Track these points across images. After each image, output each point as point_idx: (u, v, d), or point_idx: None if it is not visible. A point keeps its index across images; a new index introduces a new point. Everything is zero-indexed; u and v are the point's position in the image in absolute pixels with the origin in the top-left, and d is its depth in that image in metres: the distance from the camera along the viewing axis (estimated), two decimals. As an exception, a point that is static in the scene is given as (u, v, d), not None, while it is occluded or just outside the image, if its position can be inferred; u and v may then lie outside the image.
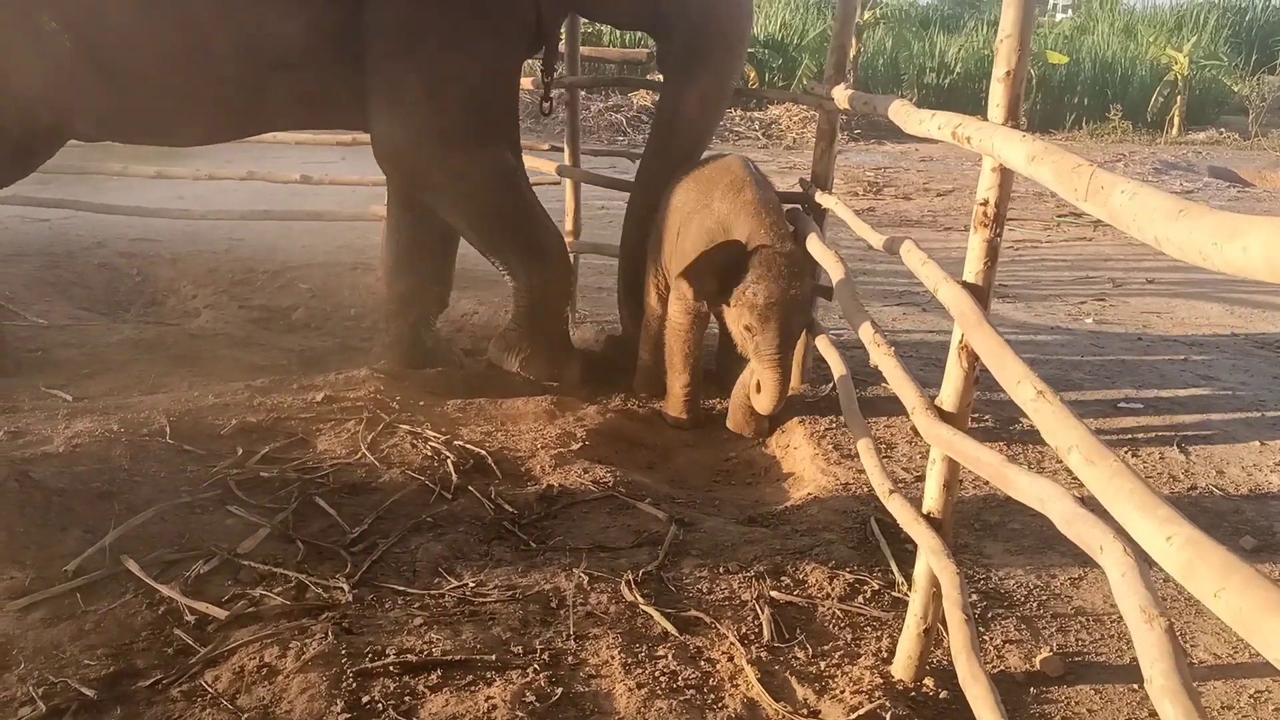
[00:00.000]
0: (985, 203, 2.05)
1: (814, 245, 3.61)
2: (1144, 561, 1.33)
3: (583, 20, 5.24)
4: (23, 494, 2.78)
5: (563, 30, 4.70)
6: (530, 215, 4.03)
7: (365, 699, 2.12)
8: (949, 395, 2.15)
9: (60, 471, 2.99)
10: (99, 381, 4.05)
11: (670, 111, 4.17)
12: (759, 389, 3.57)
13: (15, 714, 2.06)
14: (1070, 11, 24.63)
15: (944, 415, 2.14)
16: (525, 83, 4.78)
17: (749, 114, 15.07)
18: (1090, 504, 1.52)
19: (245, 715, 2.07)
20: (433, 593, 2.56)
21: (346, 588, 2.54)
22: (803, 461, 3.62)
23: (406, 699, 2.13)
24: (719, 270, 3.56)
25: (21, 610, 2.37)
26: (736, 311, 3.55)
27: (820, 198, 4.02)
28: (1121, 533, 1.38)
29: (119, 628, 2.36)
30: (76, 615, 2.39)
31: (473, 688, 2.17)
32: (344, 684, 2.14)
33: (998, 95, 2.00)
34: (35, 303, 5.14)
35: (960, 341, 2.09)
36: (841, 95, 3.56)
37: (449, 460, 3.29)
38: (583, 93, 5.67)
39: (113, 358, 4.32)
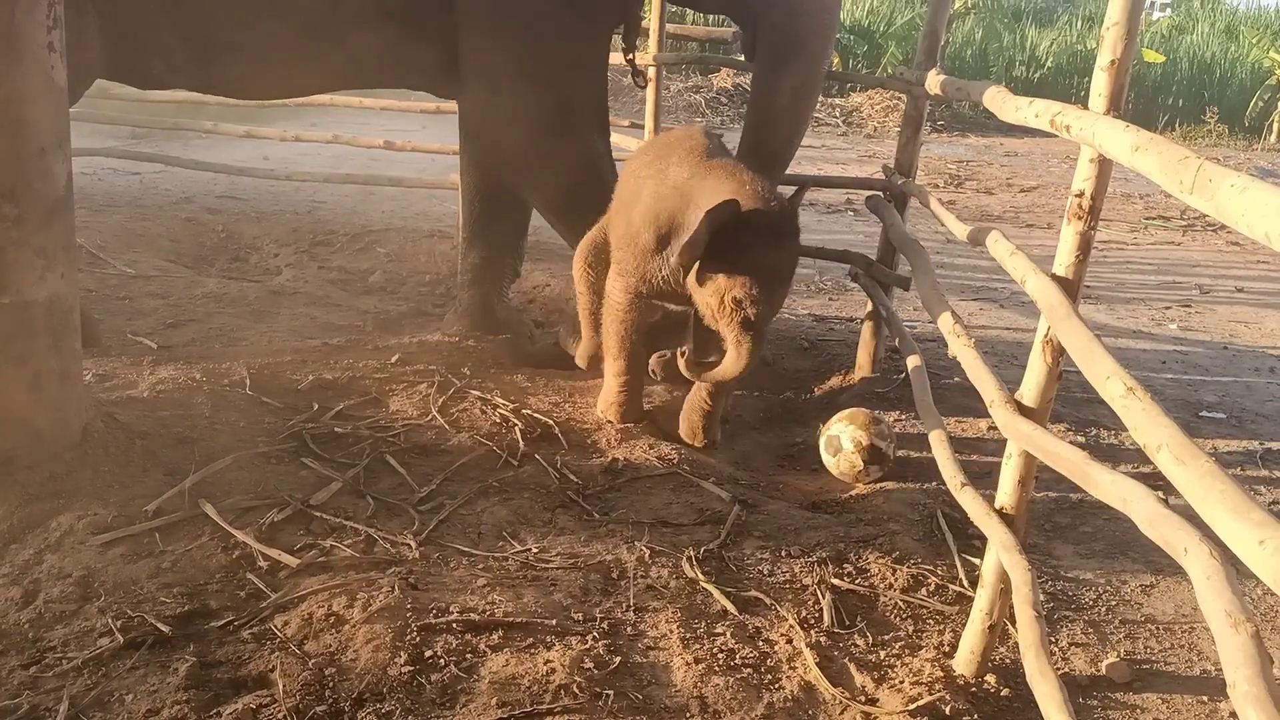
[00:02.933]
0: (1081, 194, 2.00)
1: (895, 234, 3.56)
2: (1231, 566, 1.30)
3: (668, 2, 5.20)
4: (108, 435, 2.87)
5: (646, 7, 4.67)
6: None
7: (428, 653, 2.15)
8: (1030, 389, 2.11)
9: (144, 415, 3.07)
10: (182, 331, 4.16)
11: (764, 103, 4.03)
12: (737, 358, 3.02)
13: (95, 643, 2.14)
14: (1169, 10, 23.89)
15: (1024, 410, 2.10)
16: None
17: (830, 100, 14.87)
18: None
19: (312, 660, 2.12)
20: (496, 555, 2.59)
21: (414, 545, 2.58)
22: (870, 451, 3.58)
23: (468, 656, 2.16)
24: (713, 236, 2.92)
25: (104, 545, 2.45)
26: (720, 283, 2.98)
27: (904, 186, 3.96)
28: (1207, 537, 1.34)
29: (194, 568, 2.43)
30: (155, 554, 2.46)
31: (532, 650, 2.20)
32: (408, 637, 2.18)
33: (1101, 84, 1.95)
34: (124, 252, 5.29)
35: (1046, 335, 2.05)
36: (934, 80, 3.50)
37: (517, 428, 3.32)
38: (664, 71, 5.65)
39: (196, 309, 4.44)
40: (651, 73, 5.11)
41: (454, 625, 2.25)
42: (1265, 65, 16.00)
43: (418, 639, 2.19)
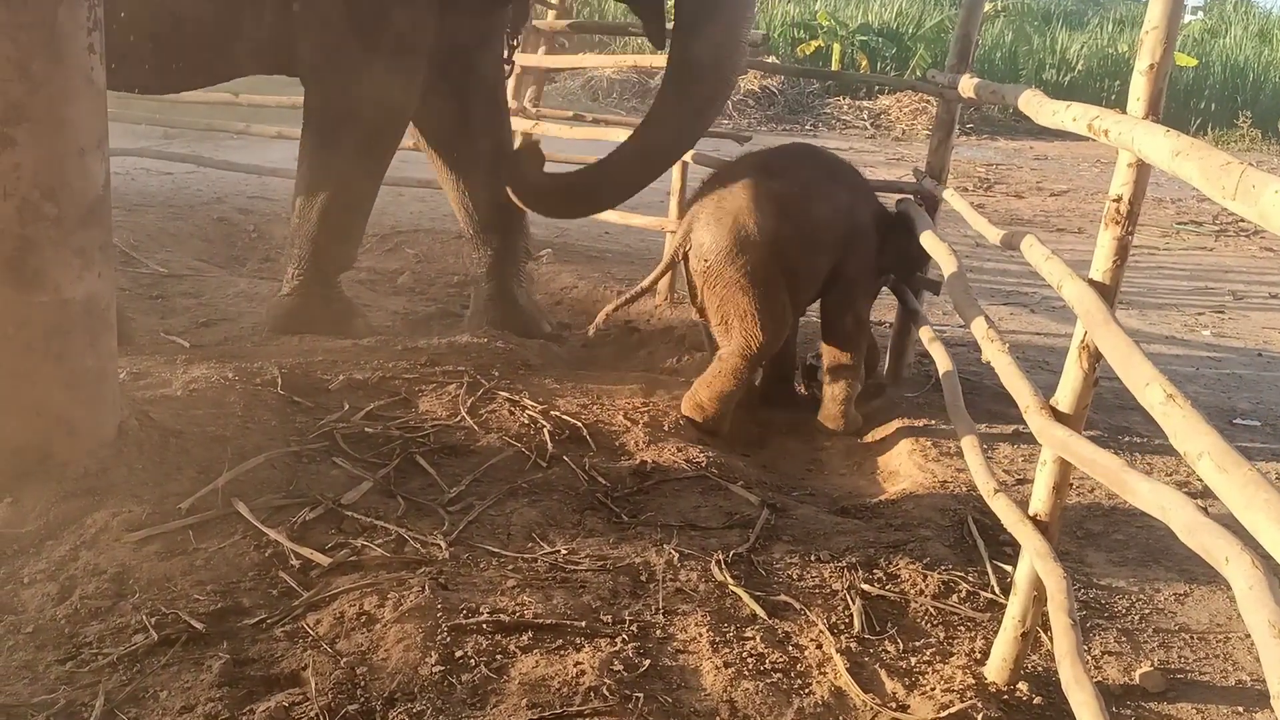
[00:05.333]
0: (1119, 199, 1.98)
1: (927, 238, 3.55)
2: (1273, 575, 1.28)
3: None
4: (142, 433, 2.89)
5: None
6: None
7: (458, 653, 2.16)
8: (1066, 395, 2.09)
9: (178, 414, 3.10)
10: (215, 330, 4.20)
11: (685, 58, 3.88)
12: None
13: (129, 640, 2.16)
14: (1200, 13, 23.66)
15: (1059, 416, 2.09)
16: (630, 60, 4.77)
17: (858, 103, 14.85)
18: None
19: (344, 659, 2.13)
20: (526, 556, 2.60)
21: (444, 545, 2.59)
22: (899, 456, 3.58)
23: (498, 657, 2.17)
24: None
25: (138, 543, 2.48)
26: None
27: (935, 190, 3.94)
28: (1249, 545, 1.33)
29: (227, 566, 2.44)
30: (188, 551, 2.48)
31: (562, 652, 2.20)
32: (439, 637, 2.19)
33: (1140, 88, 1.93)
34: (157, 251, 5.35)
35: (1082, 341, 2.03)
36: (967, 84, 3.48)
37: (545, 429, 3.33)
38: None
39: (228, 308, 4.48)
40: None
41: (484, 626, 2.26)
42: (1300, 69, 15.81)
43: (448, 639, 2.20)
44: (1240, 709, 2.23)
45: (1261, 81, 16.01)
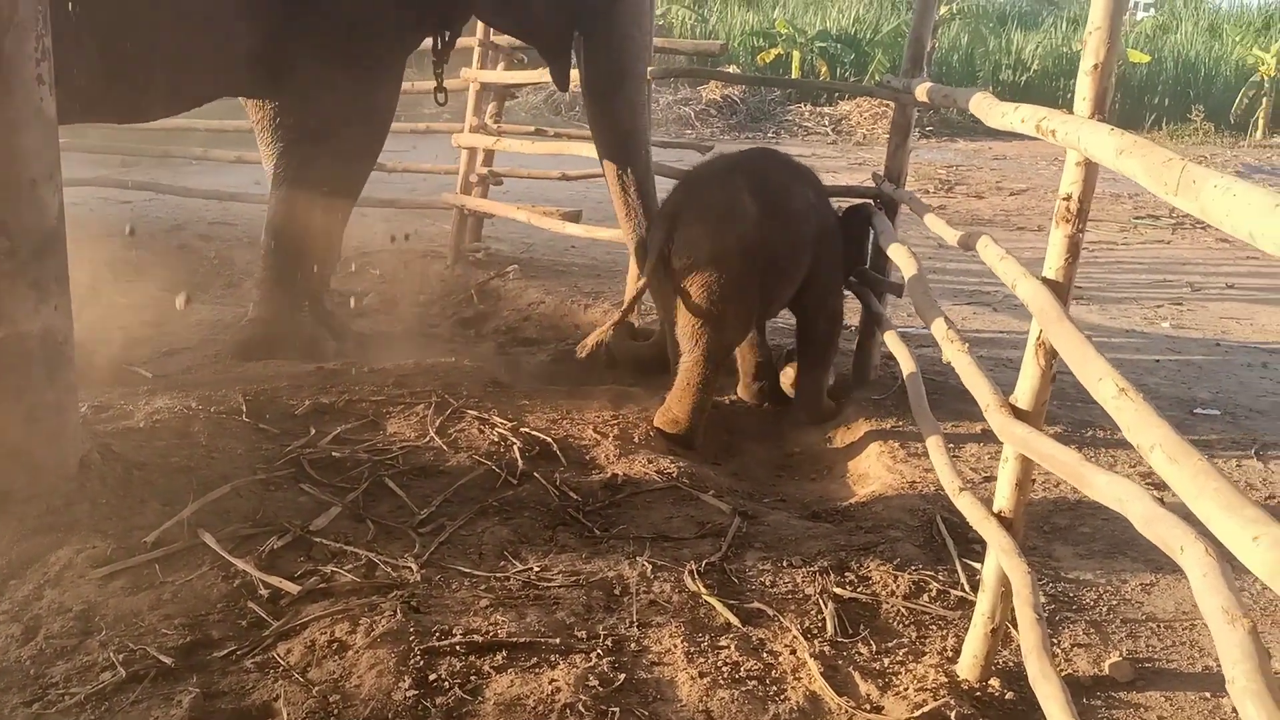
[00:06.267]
0: (1068, 197, 2.01)
1: (886, 241, 3.58)
2: (1226, 562, 1.30)
3: (656, 11, 5.27)
4: (105, 466, 2.86)
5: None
6: None
7: (432, 677, 2.15)
8: (1025, 392, 2.11)
9: (141, 445, 3.07)
10: (177, 359, 4.17)
11: (613, 128, 4.28)
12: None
13: (97, 678, 2.13)
14: (1152, 10, 24.03)
15: (1018, 413, 2.11)
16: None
17: (818, 109, 14.97)
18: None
19: (316, 688, 2.11)
20: (498, 575, 2.59)
21: (415, 567, 2.58)
22: (868, 459, 3.60)
23: (472, 678, 2.16)
24: None
25: (103, 579, 2.45)
26: None
27: (894, 193, 3.98)
28: (1203, 534, 1.35)
29: (195, 599, 2.42)
30: (155, 585, 2.45)
31: (537, 670, 2.20)
32: (412, 661, 2.18)
33: (1085, 88, 1.96)
34: (117, 282, 5.28)
35: (1038, 338, 2.06)
36: (920, 88, 3.52)
37: (515, 446, 3.33)
38: (653, 85, 5.68)
39: (191, 337, 4.44)
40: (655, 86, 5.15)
41: (457, 647, 2.25)
42: (1249, 62, 16.11)
43: (421, 662, 2.19)
44: (1208, 694, 2.26)
45: (1213, 75, 16.29)
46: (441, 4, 4.13)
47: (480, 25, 6.13)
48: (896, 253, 3.41)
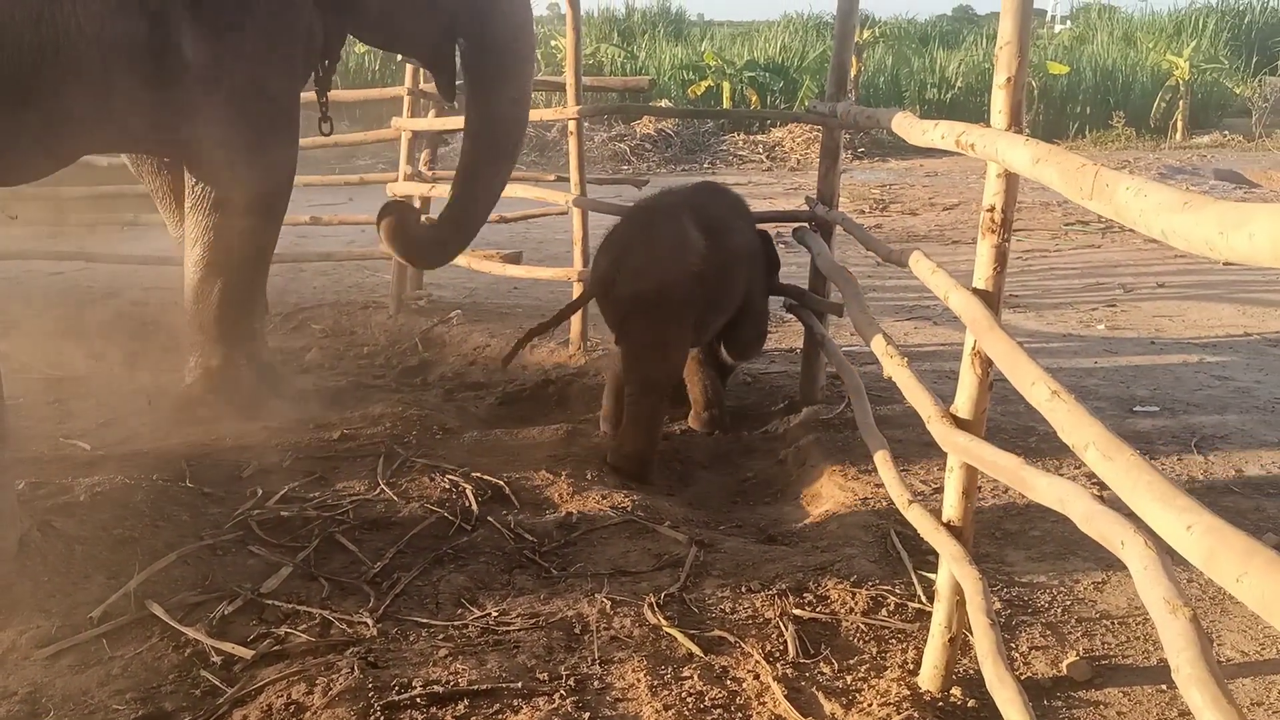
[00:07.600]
0: (992, 209, 2.06)
1: (824, 263, 3.63)
2: (1166, 554, 1.33)
3: (585, 50, 5.35)
4: (46, 544, 2.79)
5: (562, 60, 4.86)
6: None
7: (393, 731, 2.11)
8: (964, 402, 2.15)
9: (82, 520, 3.00)
10: (116, 430, 4.07)
11: (490, 114, 4.38)
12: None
13: (46, 761, 2.07)
14: (1069, 22, 24.74)
15: (959, 422, 2.14)
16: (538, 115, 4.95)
17: (752, 137, 15.15)
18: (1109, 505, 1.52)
19: (274, 752, 2.07)
20: (456, 623, 2.56)
21: (371, 622, 2.54)
22: (820, 478, 3.62)
23: (434, 729, 2.13)
24: None
25: (49, 658, 2.38)
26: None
27: (827, 215, 4.04)
28: (1142, 528, 1.38)
29: (146, 671, 2.36)
30: (103, 661, 2.39)
31: (500, 715, 2.17)
32: (372, 717, 2.14)
33: (999, 102, 2.02)
34: (50, 354, 5.18)
35: (973, 348, 2.10)
36: (845, 111, 3.59)
37: (467, 491, 3.30)
38: (586, 123, 5.72)
39: (129, 405, 4.35)
40: (573, 126, 5.16)
41: (418, 700, 2.21)
42: (1164, 67, 16.61)
43: (382, 717, 2.15)
44: (1164, 687, 2.29)
45: (1130, 82, 16.77)
46: (325, 35, 4.13)
47: (409, 73, 6.14)
48: (833, 273, 3.45)
